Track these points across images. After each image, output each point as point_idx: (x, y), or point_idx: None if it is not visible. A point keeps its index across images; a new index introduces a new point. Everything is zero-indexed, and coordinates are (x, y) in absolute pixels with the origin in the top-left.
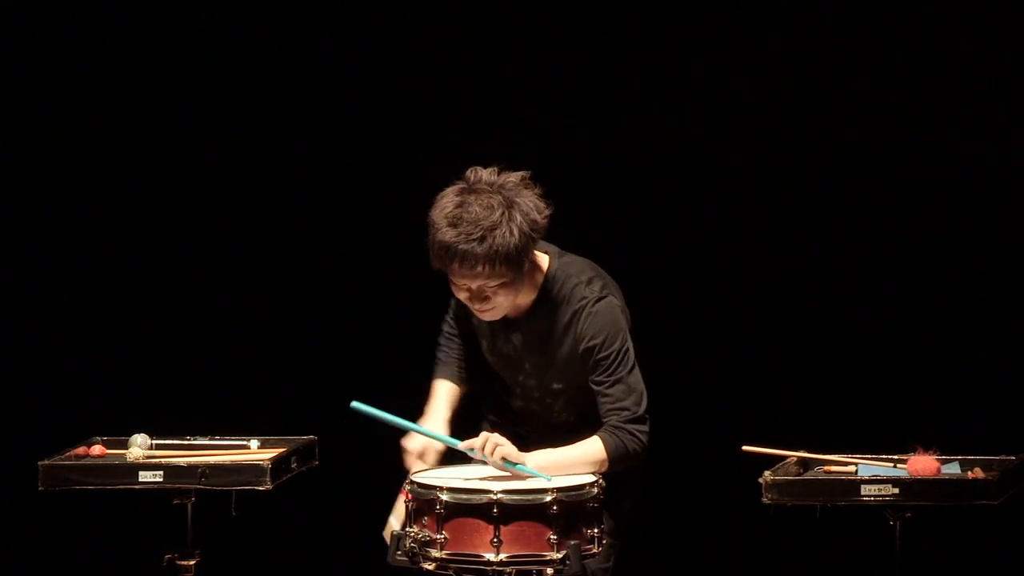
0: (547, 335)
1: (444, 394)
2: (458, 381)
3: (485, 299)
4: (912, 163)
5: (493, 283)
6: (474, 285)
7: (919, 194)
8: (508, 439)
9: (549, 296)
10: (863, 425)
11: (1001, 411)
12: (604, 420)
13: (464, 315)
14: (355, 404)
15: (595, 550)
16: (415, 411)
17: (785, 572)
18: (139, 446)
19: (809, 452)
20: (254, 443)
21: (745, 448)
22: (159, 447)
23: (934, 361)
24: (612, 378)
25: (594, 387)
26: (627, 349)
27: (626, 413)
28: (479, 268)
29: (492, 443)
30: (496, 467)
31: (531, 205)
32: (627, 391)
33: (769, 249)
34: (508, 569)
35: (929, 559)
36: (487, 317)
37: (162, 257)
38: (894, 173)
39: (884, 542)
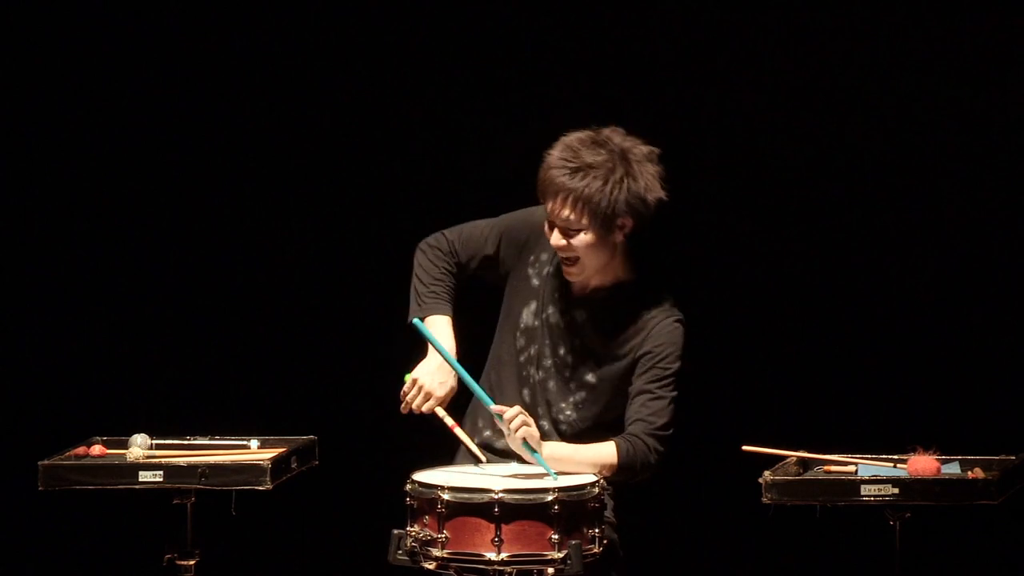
0: (615, 325)
1: (445, 333)
2: (451, 315)
3: (568, 241)
4: (911, 163)
5: (575, 227)
6: (559, 219)
7: (919, 194)
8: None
9: (634, 294)
10: (863, 425)
11: (1001, 411)
12: (628, 425)
13: (481, 256)
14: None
15: (596, 550)
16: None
17: (785, 572)
18: (139, 446)
19: (809, 452)
20: (254, 443)
21: (745, 448)
22: (159, 447)
23: (934, 361)
24: (658, 392)
25: (635, 392)
26: (677, 378)
27: (654, 427)
28: (561, 196)
29: (520, 420)
30: (512, 445)
31: (646, 177)
32: (663, 410)
33: (769, 249)
34: (509, 568)
35: (929, 559)
36: (571, 275)
37: (162, 257)
38: (893, 173)
39: (884, 542)
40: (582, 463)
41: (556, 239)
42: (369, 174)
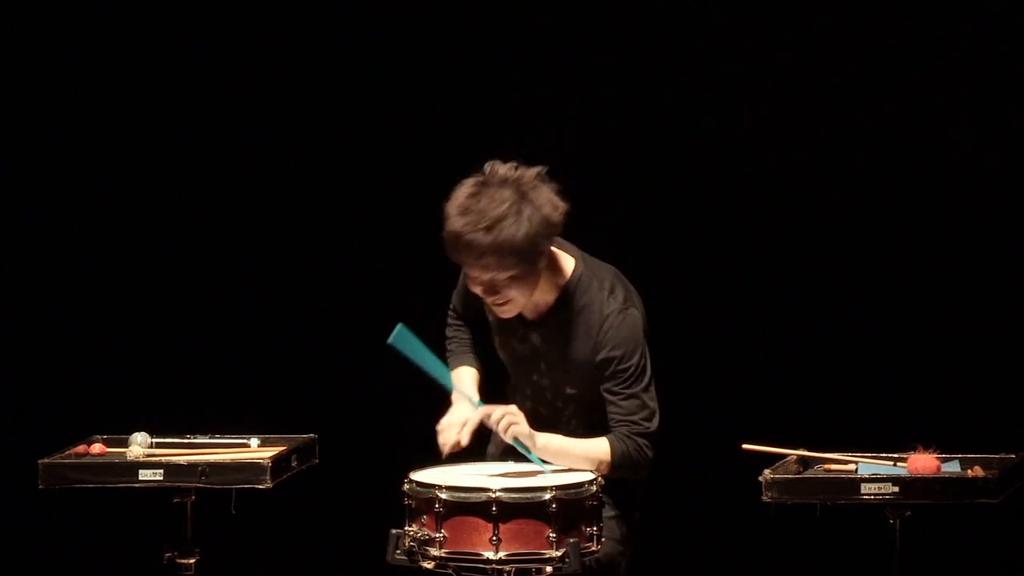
0: (566, 339)
1: (469, 377)
2: (476, 367)
3: (498, 293)
4: (910, 162)
5: (503, 276)
6: (485, 277)
7: (918, 193)
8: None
9: (571, 300)
10: (863, 423)
11: (1001, 409)
12: (613, 428)
13: (476, 305)
14: (394, 338)
15: (594, 548)
16: (417, 408)
17: (785, 571)
18: (139, 444)
19: (809, 450)
20: (254, 441)
21: (745, 446)
22: (159, 445)
23: (934, 359)
24: (627, 391)
25: (607, 396)
26: (644, 365)
27: (636, 428)
28: (485, 259)
29: (508, 420)
30: (507, 440)
31: (546, 200)
32: (640, 406)
33: (769, 248)
34: (507, 567)
35: (929, 558)
36: (504, 314)
37: (162, 256)
38: (892, 172)
39: (884, 541)
40: (577, 457)
41: (485, 295)
42: (369, 173)
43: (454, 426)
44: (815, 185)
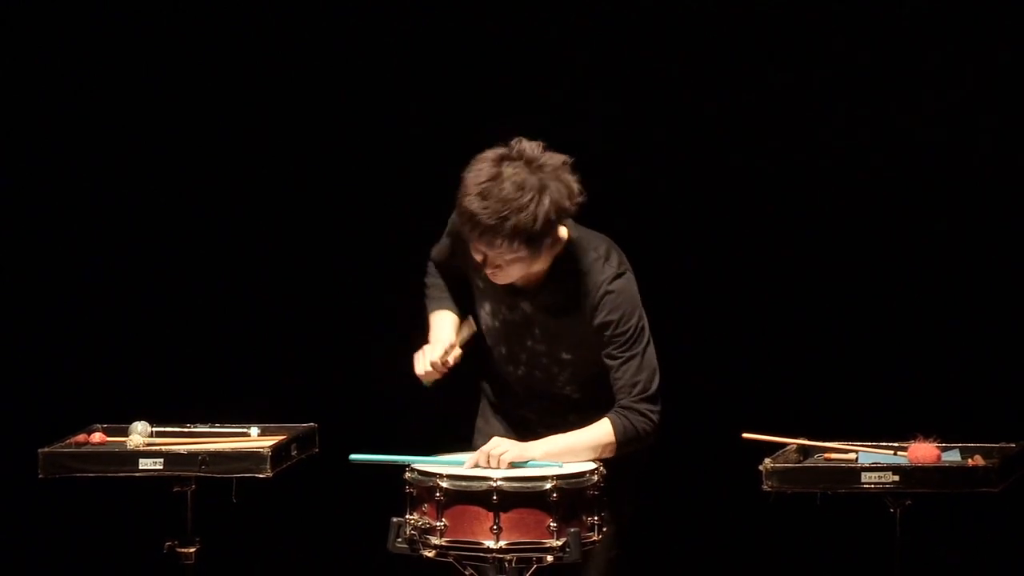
0: (560, 305)
1: (448, 321)
2: (455, 312)
3: (498, 267)
4: (910, 155)
5: (509, 256)
6: (490, 253)
7: (917, 184)
8: (509, 429)
9: (565, 268)
10: (863, 412)
11: (1001, 399)
12: (616, 398)
13: (461, 272)
14: (354, 456)
15: (595, 537)
16: (418, 397)
17: (785, 560)
18: (139, 433)
19: (809, 439)
20: (254, 430)
21: (745, 435)
22: (159, 434)
23: (934, 348)
24: (627, 354)
25: (608, 362)
26: (643, 327)
27: (638, 389)
28: (497, 243)
29: (495, 456)
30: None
31: (563, 191)
32: (640, 368)
33: (770, 237)
34: (508, 556)
35: (929, 547)
36: (497, 280)
37: (162, 245)
38: (892, 165)
39: (884, 530)
40: (582, 451)
41: (485, 265)
42: (367, 164)
43: (440, 343)
44: (815, 175)
